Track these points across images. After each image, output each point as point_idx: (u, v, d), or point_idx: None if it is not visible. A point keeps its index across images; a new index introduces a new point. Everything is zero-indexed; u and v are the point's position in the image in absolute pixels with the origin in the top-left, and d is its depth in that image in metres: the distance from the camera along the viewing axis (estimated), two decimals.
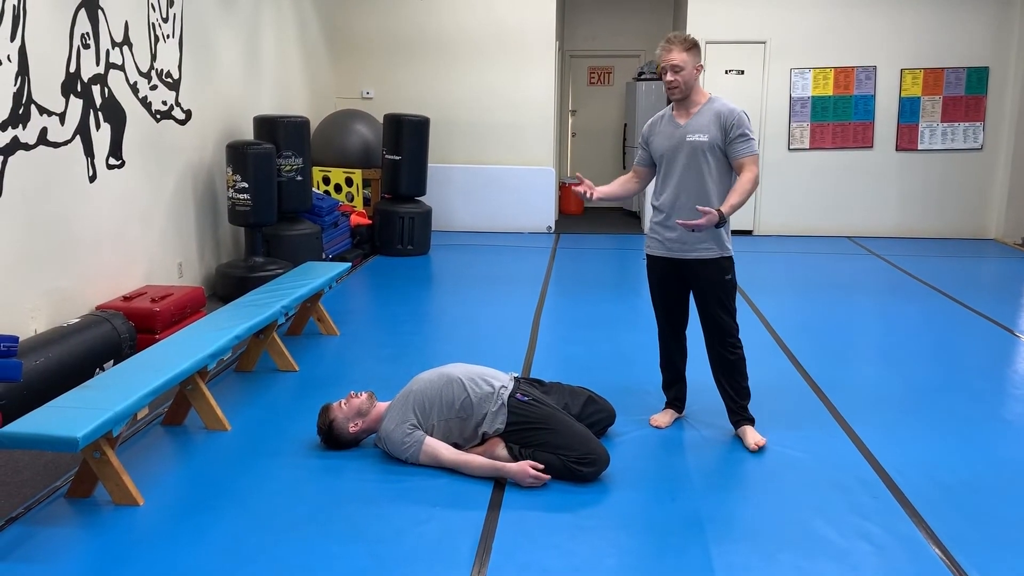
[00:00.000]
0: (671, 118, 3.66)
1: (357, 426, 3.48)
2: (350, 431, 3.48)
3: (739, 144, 3.53)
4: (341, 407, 3.49)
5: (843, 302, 6.33)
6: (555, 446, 3.28)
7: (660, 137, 3.66)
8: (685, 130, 3.57)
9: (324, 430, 3.50)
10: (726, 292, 3.65)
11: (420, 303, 6.30)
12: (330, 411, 3.50)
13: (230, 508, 3.06)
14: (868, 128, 8.95)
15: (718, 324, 3.67)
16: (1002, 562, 2.75)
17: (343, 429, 3.47)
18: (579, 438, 3.30)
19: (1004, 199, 8.91)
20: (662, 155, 3.65)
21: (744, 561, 2.74)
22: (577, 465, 3.24)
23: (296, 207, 6.55)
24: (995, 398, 4.35)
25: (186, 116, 5.85)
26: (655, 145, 3.69)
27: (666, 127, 3.66)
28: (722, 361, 3.71)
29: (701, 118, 3.57)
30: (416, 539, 2.85)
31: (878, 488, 3.27)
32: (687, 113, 3.60)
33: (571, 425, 3.36)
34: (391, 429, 3.39)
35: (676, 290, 3.76)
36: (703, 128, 3.54)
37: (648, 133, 3.73)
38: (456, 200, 9.12)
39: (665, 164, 3.65)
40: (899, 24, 8.75)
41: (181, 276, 5.80)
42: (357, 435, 3.50)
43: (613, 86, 10.96)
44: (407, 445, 3.34)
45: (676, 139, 3.59)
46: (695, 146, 3.55)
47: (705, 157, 3.54)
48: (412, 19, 9.00)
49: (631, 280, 7.41)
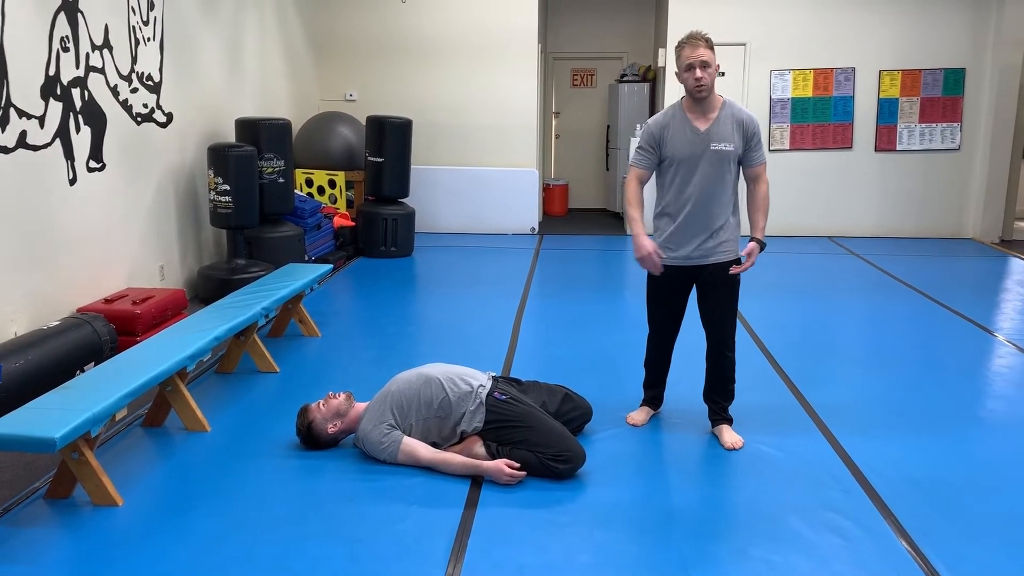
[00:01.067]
0: (687, 121, 3.51)
1: (336, 427, 3.51)
2: (329, 432, 3.50)
3: (756, 152, 3.55)
4: (320, 408, 3.52)
5: (822, 302, 6.40)
6: (532, 444, 3.32)
7: (678, 142, 3.50)
8: (708, 137, 3.47)
9: (303, 431, 3.53)
10: (737, 291, 3.67)
11: (403, 305, 6.33)
12: (309, 412, 3.53)
13: (209, 509, 3.08)
14: (847, 129, 9.04)
15: (726, 324, 3.69)
16: (968, 555, 2.81)
17: (322, 430, 3.50)
18: (556, 436, 3.34)
19: (981, 199, 9.02)
20: (680, 161, 3.50)
21: (716, 556, 2.79)
22: (553, 462, 3.28)
23: (278, 209, 6.56)
24: (970, 396, 4.42)
25: (167, 119, 5.86)
26: (671, 149, 3.51)
27: (683, 131, 3.50)
28: (720, 362, 3.75)
29: (723, 126, 3.48)
30: (393, 538, 2.88)
31: (850, 483, 3.33)
32: (706, 118, 3.49)
33: (548, 423, 3.40)
34: (369, 430, 3.42)
35: (682, 297, 3.72)
36: (727, 137, 3.48)
37: (659, 136, 3.54)
38: (440, 202, 9.15)
39: (682, 170, 3.51)
40: (877, 26, 8.85)
41: (163, 278, 5.80)
42: (336, 435, 3.53)
43: (596, 88, 11.02)
44: (385, 445, 3.37)
45: (698, 146, 3.47)
46: (721, 156, 3.47)
47: (728, 166, 3.50)
48: (395, 21, 9.03)
49: (614, 281, 7.46)
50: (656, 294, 3.75)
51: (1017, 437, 3.83)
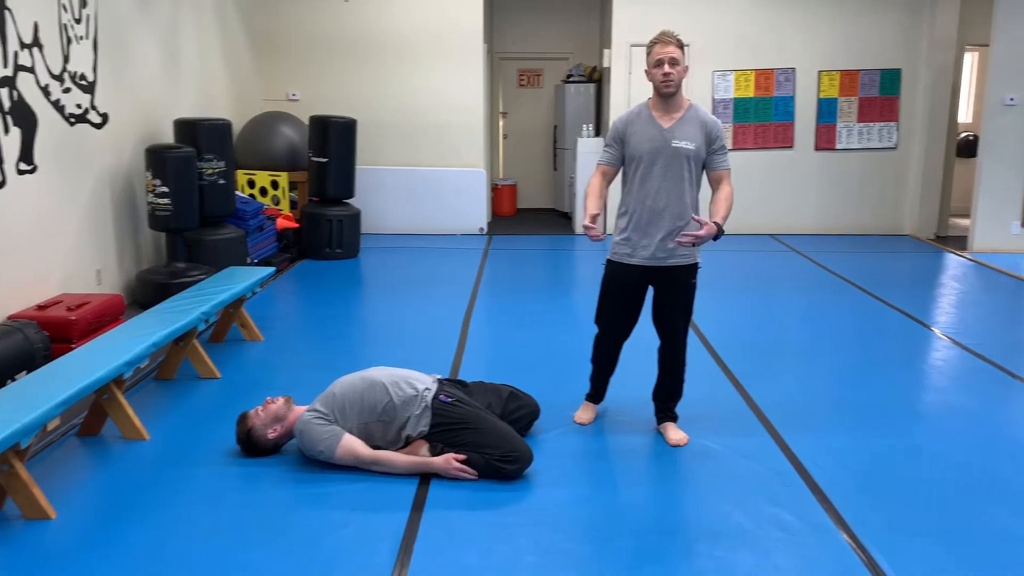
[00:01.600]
0: (651, 118, 3.54)
1: (276, 432, 3.44)
2: (269, 437, 3.44)
3: (720, 156, 3.56)
4: (258, 414, 3.46)
5: (765, 298, 6.50)
6: (479, 445, 3.30)
7: (640, 138, 3.53)
8: (671, 135, 3.49)
9: (243, 438, 3.46)
10: (692, 295, 3.70)
11: (348, 307, 6.26)
12: (247, 419, 3.46)
13: (147, 519, 3.00)
14: (788, 129, 9.21)
15: (680, 326, 3.71)
16: (906, 545, 2.87)
17: (262, 436, 3.43)
18: (502, 436, 3.33)
19: (917, 196, 9.26)
20: (641, 156, 3.52)
21: (662, 554, 2.80)
22: (500, 463, 3.27)
23: (219, 211, 6.44)
24: (907, 389, 4.52)
25: (102, 119, 5.70)
26: (634, 145, 3.54)
27: (647, 128, 3.53)
28: (672, 362, 3.77)
29: (687, 125, 3.51)
30: (336, 544, 2.84)
31: (792, 478, 3.38)
32: (670, 117, 3.52)
33: (494, 424, 3.39)
34: (307, 420, 3.37)
35: (638, 298, 3.71)
36: (690, 136, 3.50)
37: (623, 131, 3.57)
38: (386, 202, 9.07)
39: (643, 167, 3.53)
40: (816, 27, 9.02)
41: (100, 283, 5.65)
42: (276, 441, 3.47)
43: (543, 88, 11.04)
44: (324, 438, 3.31)
45: (660, 142, 3.49)
46: (681, 153, 3.49)
47: (689, 165, 3.51)
48: (338, 21, 8.93)
49: (563, 280, 7.49)
50: (612, 292, 3.73)
51: (952, 429, 3.93)
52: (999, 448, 3.71)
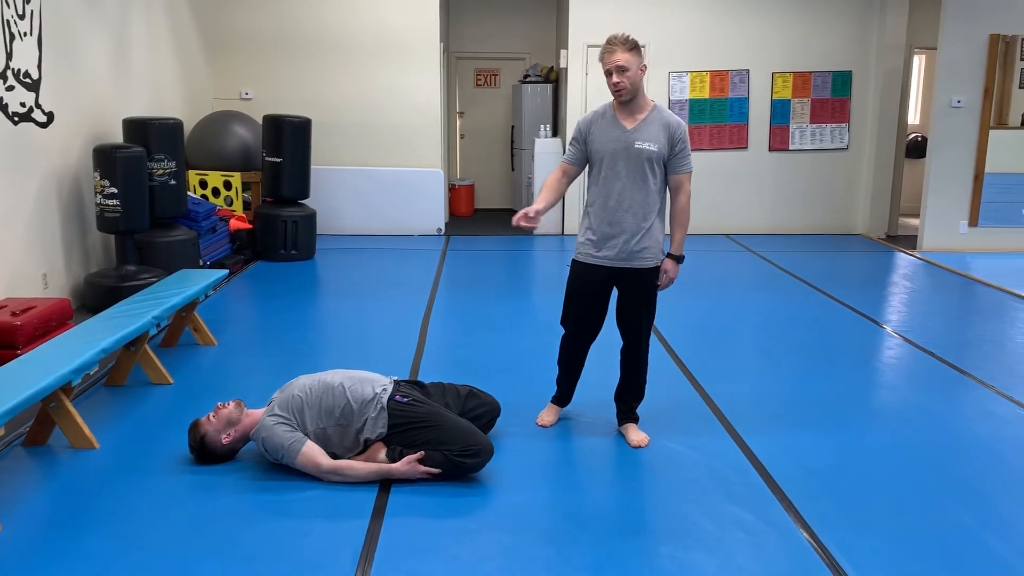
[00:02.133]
0: (614, 119, 3.54)
1: (229, 436, 3.37)
2: (223, 443, 3.36)
3: (681, 160, 3.55)
4: (210, 420, 3.38)
5: (721, 298, 6.56)
6: (438, 442, 3.26)
7: (602, 137, 3.53)
8: (633, 136, 3.49)
9: (196, 447, 3.38)
10: (655, 296, 3.70)
11: (304, 309, 6.17)
12: (199, 426, 3.38)
13: (98, 530, 2.91)
14: (743, 129, 9.31)
15: (643, 327, 3.71)
16: (864, 543, 2.90)
17: (215, 442, 3.36)
18: (461, 431, 3.30)
19: (868, 196, 9.43)
20: (603, 157, 3.53)
21: (626, 556, 2.80)
22: (461, 458, 3.24)
23: (170, 212, 6.30)
24: (862, 387, 4.58)
25: (48, 118, 5.54)
26: (596, 145, 3.54)
27: (610, 128, 3.53)
28: (635, 363, 3.77)
29: (650, 126, 3.51)
30: (295, 554, 2.78)
31: (752, 477, 3.40)
32: (633, 117, 3.52)
33: (452, 420, 3.36)
34: (271, 425, 3.29)
35: (602, 298, 3.70)
36: (652, 137, 3.49)
37: (586, 131, 3.58)
38: (342, 203, 8.97)
39: (605, 167, 3.54)
40: (769, 29, 9.13)
41: (46, 287, 5.49)
42: (231, 445, 3.39)
43: (500, 88, 11.02)
44: (288, 444, 3.25)
45: (622, 143, 3.50)
46: (643, 154, 3.48)
47: (651, 166, 3.51)
48: (292, 18, 8.80)
49: (522, 281, 7.47)
50: (578, 293, 3.72)
51: (907, 426, 4.00)
52: (952, 444, 3.78)
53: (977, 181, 8.48)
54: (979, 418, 4.10)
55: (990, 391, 4.47)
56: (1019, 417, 4.11)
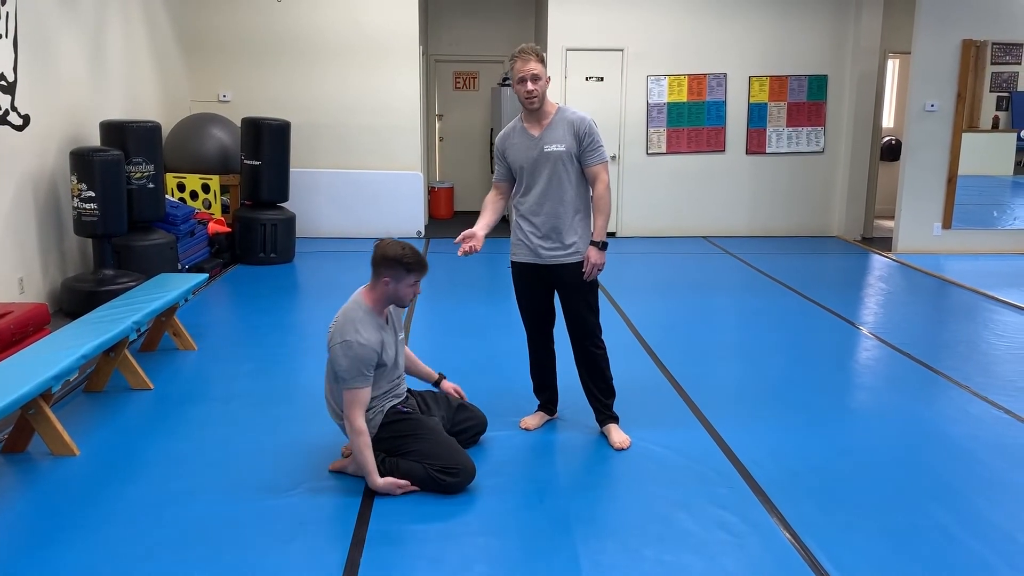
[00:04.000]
0: (523, 130, 3.69)
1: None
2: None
3: (592, 153, 3.65)
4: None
5: (701, 300, 6.60)
6: (421, 454, 3.26)
7: (516, 150, 3.69)
8: (541, 141, 3.63)
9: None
10: (592, 291, 3.76)
11: (284, 313, 6.14)
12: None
13: (78, 539, 2.88)
14: (720, 133, 9.38)
15: (584, 323, 3.76)
16: (846, 543, 2.94)
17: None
18: (446, 449, 3.30)
19: (844, 199, 9.53)
20: (521, 167, 3.69)
21: (610, 560, 2.81)
22: (441, 475, 3.23)
23: (148, 216, 6.25)
24: (840, 388, 4.64)
25: (24, 121, 5.48)
26: (512, 158, 3.71)
27: (520, 139, 3.69)
28: (588, 359, 3.80)
29: (555, 129, 3.63)
30: (280, 559, 2.77)
31: (734, 479, 3.43)
32: (539, 124, 3.65)
33: (439, 436, 3.35)
34: (362, 345, 3.17)
35: (544, 294, 3.82)
36: (559, 138, 3.61)
37: (503, 147, 3.75)
38: (322, 206, 8.94)
39: (526, 176, 3.69)
40: (746, 33, 9.22)
41: (23, 292, 5.43)
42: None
43: (479, 91, 11.03)
44: (362, 376, 3.16)
45: (534, 151, 3.64)
46: (553, 156, 3.61)
47: (564, 166, 3.63)
48: (270, 21, 8.76)
49: (502, 284, 7.46)
50: (518, 293, 3.87)
51: (884, 426, 4.05)
52: (931, 445, 3.84)
53: (950, 184, 8.60)
54: (955, 418, 4.17)
55: (965, 391, 4.54)
56: (994, 417, 4.18)
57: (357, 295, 3.38)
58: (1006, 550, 2.92)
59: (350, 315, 3.29)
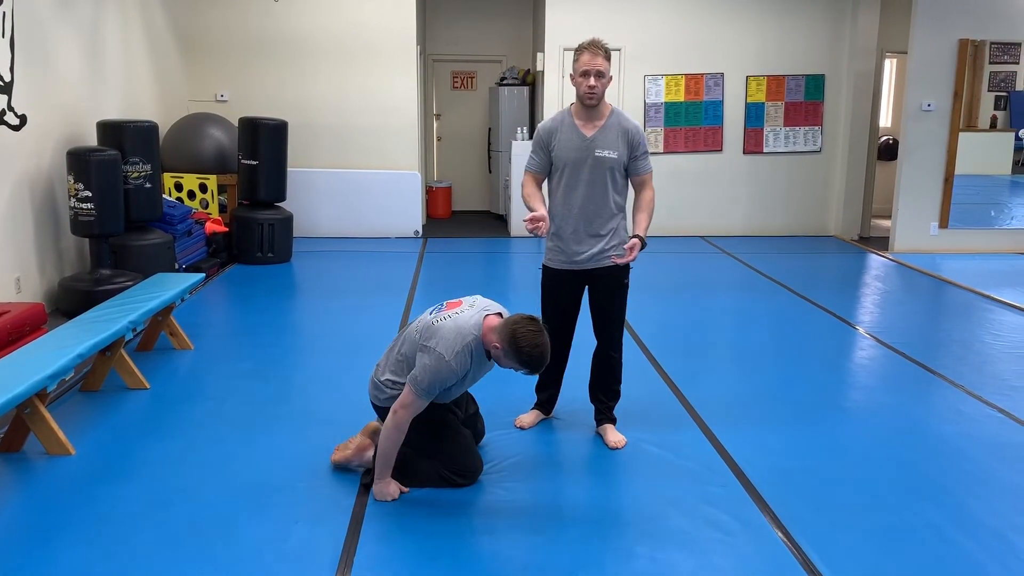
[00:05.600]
0: (573, 126, 3.57)
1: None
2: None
3: (642, 161, 3.62)
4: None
5: (697, 299, 6.61)
6: (440, 454, 3.28)
7: (565, 146, 3.57)
8: (593, 144, 3.54)
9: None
10: (625, 296, 3.75)
11: (281, 313, 6.15)
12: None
13: (75, 538, 2.89)
14: (717, 132, 9.39)
15: (614, 327, 3.77)
16: (837, 541, 2.95)
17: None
18: (462, 452, 3.32)
19: (841, 198, 9.54)
20: (566, 164, 3.57)
21: (603, 557, 2.83)
22: (454, 476, 3.27)
23: (145, 216, 6.25)
24: (834, 387, 4.65)
25: (20, 121, 5.48)
26: (559, 153, 3.58)
27: (571, 136, 3.56)
28: (608, 363, 3.81)
29: (608, 133, 3.55)
30: (276, 557, 2.78)
31: (727, 477, 3.44)
32: (592, 125, 3.56)
33: (460, 437, 3.36)
34: (448, 362, 3.00)
35: (576, 300, 3.76)
36: (611, 145, 3.54)
37: (547, 139, 3.60)
38: (319, 205, 8.95)
39: (567, 175, 3.58)
40: (744, 33, 9.22)
41: (19, 291, 5.44)
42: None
43: (477, 91, 11.03)
44: (429, 390, 3.04)
45: (583, 151, 3.54)
46: (604, 162, 3.54)
47: (612, 174, 3.57)
48: (268, 21, 8.77)
49: (499, 283, 7.48)
50: (549, 296, 3.79)
51: (880, 426, 4.06)
52: (924, 444, 3.85)
53: (947, 183, 8.61)
54: (949, 417, 4.18)
55: (959, 390, 4.56)
56: (987, 416, 4.20)
57: (480, 318, 3.12)
58: (997, 549, 2.93)
59: (464, 331, 3.07)
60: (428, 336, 3.10)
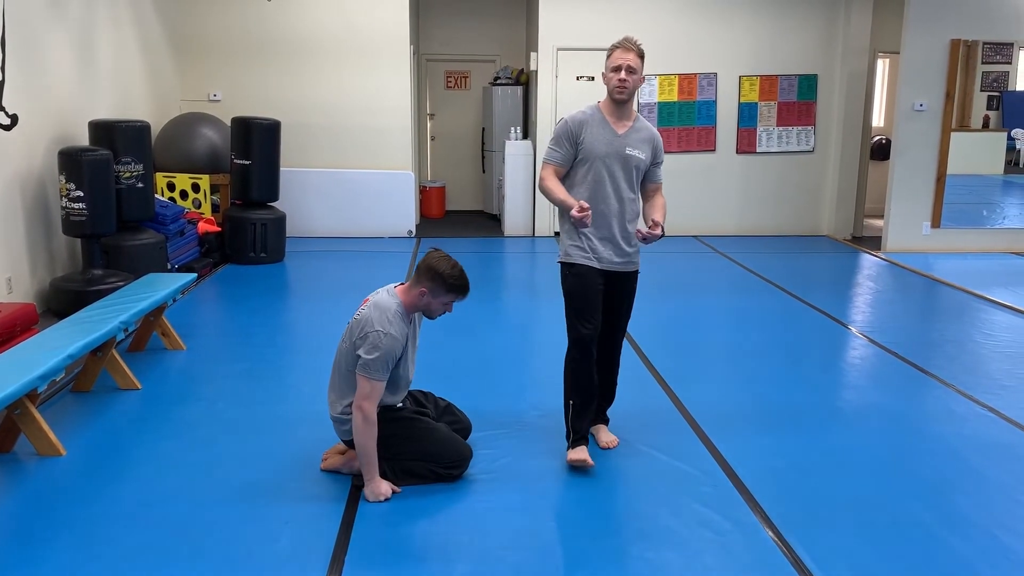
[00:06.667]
0: (604, 121, 3.53)
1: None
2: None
3: (659, 169, 3.66)
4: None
5: (690, 299, 6.62)
6: (422, 455, 3.29)
7: (596, 140, 3.50)
8: (624, 141, 3.53)
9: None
10: (634, 299, 3.76)
11: (274, 313, 6.14)
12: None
13: (65, 539, 2.88)
14: (711, 132, 9.41)
15: (623, 329, 3.78)
16: (827, 541, 2.96)
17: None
18: (443, 445, 3.33)
19: (834, 198, 9.57)
20: (596, 159, 3.50)
21: (595, 557, 2.83)
22: (445, 470, 3.30)
23: (137, 216, 6.24)
24: (826, 387, 4.66)
25: (12, 121, 5.46)
26: (589, 146, 3.50)
27: (602, 131, 3.52)
28: (612, 363, 3.81)
29: (638, 135, 3.56)
30: (265, 559, 2.78)
31: (719, 477, 3.45)
32: (623, 123, 3.55)
33: (434, 432, 3.37)
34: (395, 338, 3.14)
35: (602, 298, 3.61)
36: (640, 146, 3.55)
37: (577, 131, 3.51)
38: (312, 205, 8.93)
39: (595, 169, 3.51)
40: (737, 33, 9.24)
41: (11, 292, 5.42)
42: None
43: (470, 90, 11.03)
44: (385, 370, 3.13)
45: (615, 147, 3.51)
46: (633, 161, 3.53)
47: (638, 173, 3.57)
48: (260, 20, 8.75)
49: (493, 284, 7.48)
50: (582, 300, 3.55)
51: (871, 426, 4.07)
52: (915, 444, 3.86)
53: (939, 183, 8.64)
54: (939, 417, 4.19)
55: (951, 390, 4.57)
56: (979, 416, 4.21)
57: (391, 288, 3.33)
58: (987, 548, 2.94)
59: (385, 305, 3.21)
60: (358, 330, 3.20)
